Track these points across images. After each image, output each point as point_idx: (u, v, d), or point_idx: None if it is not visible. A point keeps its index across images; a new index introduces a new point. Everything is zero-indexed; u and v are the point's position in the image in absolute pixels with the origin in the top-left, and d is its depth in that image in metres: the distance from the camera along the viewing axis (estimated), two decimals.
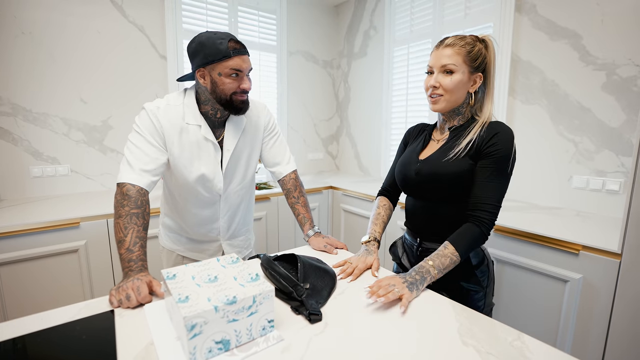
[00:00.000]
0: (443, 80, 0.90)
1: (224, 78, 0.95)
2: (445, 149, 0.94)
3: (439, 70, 0.91)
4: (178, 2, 2.14)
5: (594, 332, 1.19)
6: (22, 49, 1.78)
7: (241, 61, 0.95)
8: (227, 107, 1.01)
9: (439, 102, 0.93)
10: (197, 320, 0.55)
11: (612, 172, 1.53)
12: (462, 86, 0.91)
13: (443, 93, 0.91)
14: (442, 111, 0.95)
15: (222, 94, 0.97)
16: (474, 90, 0.93)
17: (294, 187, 1.22)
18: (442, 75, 0.91)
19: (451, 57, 0.89)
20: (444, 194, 0.93)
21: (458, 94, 0.92)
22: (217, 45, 0.92)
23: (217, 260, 0.75)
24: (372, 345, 0.62)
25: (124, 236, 0.86)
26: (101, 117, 2.01)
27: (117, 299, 0.74)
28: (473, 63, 0.90)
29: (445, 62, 0.89)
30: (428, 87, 0.94)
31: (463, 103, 0.94)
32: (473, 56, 0.89)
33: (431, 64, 0.93)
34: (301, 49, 2.78)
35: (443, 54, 0.90)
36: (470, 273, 0.94)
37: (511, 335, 0.64)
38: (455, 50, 0.89)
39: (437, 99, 0.93)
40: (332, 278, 0.85)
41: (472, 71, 0.91)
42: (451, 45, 0.90)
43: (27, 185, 1.86)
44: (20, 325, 0.67)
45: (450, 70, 0.90)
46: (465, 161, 0.89)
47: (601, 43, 1.52)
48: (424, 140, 1.04)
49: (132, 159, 0.96)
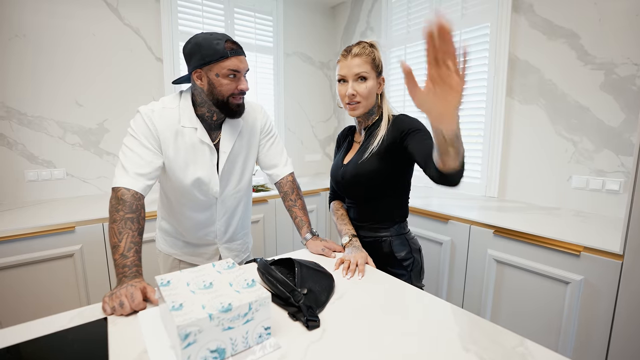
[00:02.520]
0: (359, 88, 1.00)
1: (221, 79, 0.94)
2: (361, 151, 1.06)
3: (353, 78, 1.00)
4: (174, 4, 2.13)
5: (596, 334, 1.18)
6: (16, 51, 1.76)
7: (238, 61, 0.94)
8: (223, 110, 0.99)
9: (358, 108, 1.02)
10: (191, 329, 0.53)
11: (612, 171, 1.53)
12: (374, 90, 1.02)
13: (360, 100, 1.01)
14: (359, 115, 1.06)
15: (219, 95, 0.96)
16: (380, 92, 1.06)
17: (291, 189, 1.20)
18: (356, 83, 1.00)
19: (362, 65, 0.99)
20: (363, 193, 1.07)
21: (371, 98, 1.03)
22: (214, 46, 0.91)
23: (213, 266, 0.74)
24: (370, 351, 0.60)
25: (119, 241, 0.84)
26: (97, 120, 1.99)
27: (111, 307, 0.72)
28: (377, 68, 1.02)
29: (358, 71, 0.99)
30: (345, 95, 1.01)
31: (374, 105, 1.06)
32: (377, 62, 1.01)
33: (344, 73, 1.01)
34: (298, 50, 2.77)
35: (354, 63, 0.99)
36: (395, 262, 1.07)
37: (514, 340, 0.63)
38: (363, 59, 0.99)
39: (356, 106, 1.02)
40: (330, 282, 0.83)
41: (377, 75, 1.03)
42: (359, 54, 0.99)
43: (22, 189, 1.84)
44: (12, 333, 0.65)
45: (363, 77, 0.99)
46: (378, 159, 1.00)
47: (599, 42, 1.52)
48: (348, 143, 1.17)
49: (127, 162, 0.94)
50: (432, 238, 1.69)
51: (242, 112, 1.03)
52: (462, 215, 1.57)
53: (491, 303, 1.48)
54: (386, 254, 1.07)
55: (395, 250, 1.07)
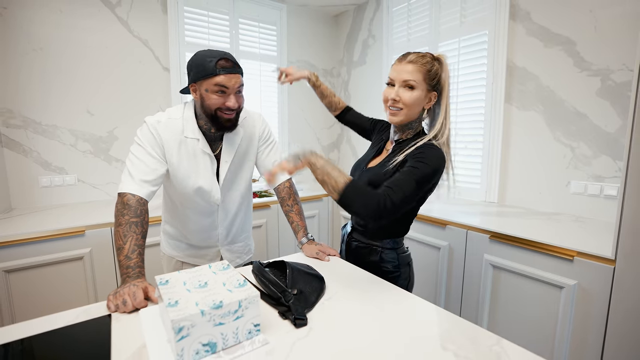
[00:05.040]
0: (404, 95, 0.94)
1: (210, 94, 1.00)
2: (384, 163, 1.01)
3: (401, 84, 0.95)
4: (181, 15, 2.22)
5: (590, 338, 1.18)
6: (33, 64, 1.86)
7: (227, 79, 0.98)
8: (214, 123, 1.04)
9: (398, 115, 0.97)
10: (184, 323, 0.58)
11: (610, 177, 1.53)
12: (420, 102, 0.96)
13: (403, 107, 0.95)
14: (399, 124, 1.00)
15: (208, 109, 1.02)
16: (428, 107, 0.99)
17: (288, 195, 1.25)
18: (403, 89, 0.95)
19: (413, 73, 0.93)
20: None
21: (415, 109, 0.97)
22: (207, 63, 0.97)
23: (209, 267, 0.78)
24: (352, 348, 0.64)
25: (123, 244, 0.90)
26: (107, 128, 2.08)
27: (114, 304, 0.78)
28: (431, 81, 0.95)
29: (407, 78, 0.93)
30: (388, 99, 0.97)
31: (417, 119, 1.00)
32: (432, 75, 0.94)
33: (393, 76, 0.97)
34: (301, 58, 2.84)
35: (405, 69, 0.94)
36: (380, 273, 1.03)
37: (490, 340, 0.66)
38: (417, 67, 0.93)
39: (397, 112, 0.97)
40: (321, 284, 0.87)
41: (429, 89, 0.96)
42: (413, 62, 0.94)
43: (36, 195, 1.93)
44: (23, 328, 0.71)
45: (411, 86, 0.94)
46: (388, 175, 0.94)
47: (595, 49, 1.53)
48: (379, 148, 1.12)
49: (133, 169, 1.00)
50: (430, 243, 1.72)
51: (232, 128, 1.06)
52: (460, 221, 1.59)
53: (488, 308, 1.49)
54: (374, 263, 1.06)
55: (383, 260, 1.05)
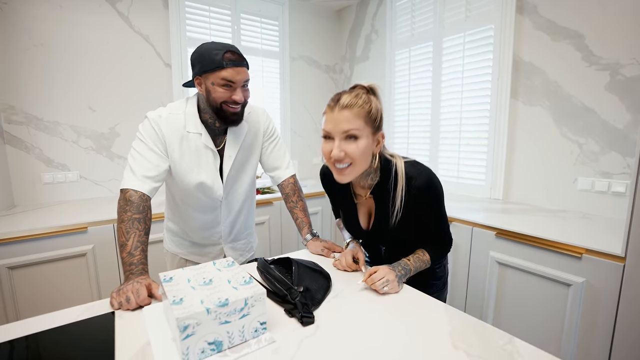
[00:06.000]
0: (348, 148, 0.79)
1: (216, 87, 0.98)
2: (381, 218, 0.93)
3: (341, 136, 0.80)
4: (182, 11, 2.19)
5: (598, 336, 1.17)
6: (34, 60, 1.85)
7: (235, 72, 0.97)
8: (220, 117, 1.03)
9: (348, 173, 0.83)
10: (190, 322, 0.56)
11: (618, 173, 1.51)
12: (369, 150, 0.82)
13: (351, 162, 0.81)
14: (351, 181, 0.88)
15: (214, 102, 1.00)
16: (379, 151, 0.86)
17: (292, 191, 1.23)
18: (345, 142, 0.80)
19: (352, 120, 0.78)
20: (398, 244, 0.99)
21: (366, 160, 0.83)
22: (213, 56, 0.95)
23: (213, 264, 0.77)
24: (361, 347, 0.63)
25: (126, 240, 0.88)
26: (109, 124, 2.07)
27: (118, 301, 0.77)
28: (374, 123, 0.82)
29: (347, 127, 0.79)
30: (330, 156, 0.82)
31: (370, 165, 0.86)
32: (373, 115, 0.81)
33: (329, 129, 0.81)
34: (303, 54, 2.81)
35: (342, 117, 0.79)
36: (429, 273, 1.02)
37: (503, 338, 0.64)
38: (355, 111, 0.79)
39: (345, 170, 0.82)
40: (327, 281, 0.86)
41: (374, 131, 0.83)
42: (349, 106, 0.79)
43: (38, 192, 1.93)
44: (28, 325, 0.70)
45: (354, 136, 0.79)
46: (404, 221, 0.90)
47: (605, 42, 1.51)
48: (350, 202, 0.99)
49: (135, 165, 0.99)
50: None
51: (238, 121, 1.06)
52: (465, 217, 1.57)
53: (493, 305, 1.48)
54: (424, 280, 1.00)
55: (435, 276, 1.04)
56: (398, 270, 0.88)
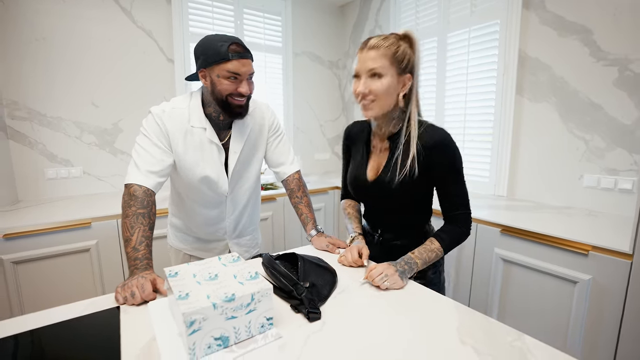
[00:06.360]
0: (373, 85, 0.86)
1: (222, 79, 0.97)
2: (389, 168, 0.94)
3: (367, 74, 0.86)
4: (184, 6, 2.18)
5: (604, 334, 1.16)
6: (37, 55, 1.84)
7: (240, 65, 0.96)
8: (225, 109, 1.02)
9: (372, 108, 0.89)
10: (196, 317, 0.56)
11: (624, 170, 1.49)
12: (392, 90, 0.87)
13: (375, 98, 0.87)
14: (375, 117, 0.93)
15: (219, 94, 0.99)
16: (404, 93, 0.89)
17: (297, 187, 1.23)
18: (370, 79, 0.86)
19: (377, 59, 0.84)
20: (395, 206, 0.98)
21: (389, 98, 0.88)
22: (218, 48, 0.94)
23: (219, 259, 0.77)
24: (368, 343, 0.62)
25: (131, 235, 0.88)
26: (112, 120, 2.06)
27: (123, 296, 0.76)
28: (400, 64, 0.86)
29: (372, 66, 0.85)
30: (357, 93, 0.89)
31: (395, 107, 0.91)
32: (399, 57, 0.86)
33: (357, 68, 0.89)
34: (306, 49, 2.79)
35: (369, 56, 0.85)
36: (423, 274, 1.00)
37: (511, 335, 0.63)
38: (381, 52, 0.84)
39: (369, 105, 0.89)
40: (333, 277, 0.85)
41: (400, 72, 0.87)
42: (375, 47, 0.85)
43: (42, 187, 1.93)
44: (32, 320, 0.70)
45: (378, 74, 0.85)
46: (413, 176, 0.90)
47: (613, 38, 1.48)
48: (365, 150, 1.03)
49: (139, 160, 0.98)
50: None
51: (244, 114, 1.05)
52: None
53: (498, 302, 1.47)
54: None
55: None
56: (400, 265, 0.87)
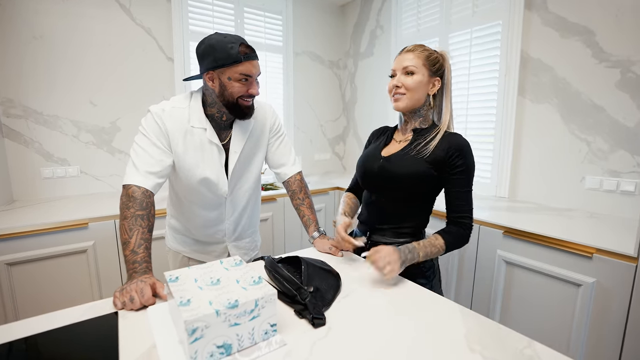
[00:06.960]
0: (405, 80, 0.98)
1: (233, 82, 0.95)
2: (407, 150, 1.00)
3: (401, 72, 0.99)
4: (184, 4, 2.15)
5: (608, 338, 1.15)
6: (34, 53, 1.81)
7: (251, 66, 0.95)
8: (233, 111, 1.00)
9: (402, 100, 1.00)
10: (198, 324, 0.54)
11: (627, 172, 1.49)
12: (422, 87, 0.99)
13: (405, 92, 0.99)
14: (404, 110, 1.02)
15: (230, 97, 0.97)
16: (432, 93, 1.01)
17: (299, 188, 1.21)
18: (404, 76, 0.99)
19: (411, 60, 0.98)
20: (400, 193, 1.00)
21: (418, 93, 0.99)
22: (228, 50, 0.92)
23: (221, 263, 0.75)
24: (376, 350, 0.60)
25: (129, 238, 0.86)
26: (110, 119, 2.03)
27: (121, 301, 0.74)
28: (432, 67, 0.99)
29: (406, 64, 0.98)
30: (391, 88, 1.01)
31: (423, 105, 1.02)
32: (432, 60, 0.99)
33: (394, 67, 1.02)
34: (307, 49, 2.77)
35: (405, 58, 0.99)
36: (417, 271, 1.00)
37: (521, 342, 0.62)
38: (416, 54, 0.99)
39: (400, 97, 1.00)
40: (337, 280, 0.83)
41: (431, 74, 0.99)
42: (412, 50, 1.00)
43: (38, 186, 1.90)
44: (28, 325, 0.68)
45: (411, 72, 0.98)
46: (426, 164, 0.96)
47: (616, 39, 1.48)
48: (386, 139, 1.11)
49: (137, 160, 0.96)
50: None
51: (251, 114, 1.04)
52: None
53: (500, 305, 1.46)
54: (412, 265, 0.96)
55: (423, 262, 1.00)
56: (404, 253, 0.87)
